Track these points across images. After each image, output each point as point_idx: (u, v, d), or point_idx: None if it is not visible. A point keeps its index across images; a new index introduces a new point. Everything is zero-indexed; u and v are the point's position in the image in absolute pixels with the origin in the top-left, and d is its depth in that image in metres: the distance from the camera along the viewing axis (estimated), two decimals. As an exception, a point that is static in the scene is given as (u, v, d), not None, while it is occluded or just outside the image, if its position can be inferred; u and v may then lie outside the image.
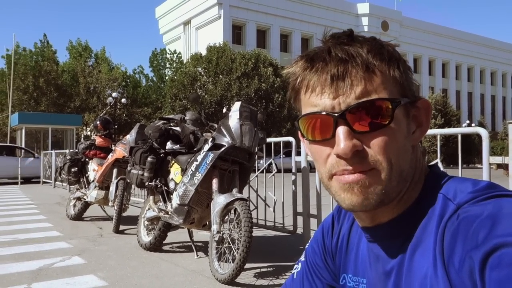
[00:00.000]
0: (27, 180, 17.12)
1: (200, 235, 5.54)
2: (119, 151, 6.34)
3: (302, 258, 1.01)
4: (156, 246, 4.82)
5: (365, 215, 0.78)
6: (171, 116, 4.97)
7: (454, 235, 0.63)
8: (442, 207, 0.69)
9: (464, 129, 3.70)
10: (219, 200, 3.85)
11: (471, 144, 36.89)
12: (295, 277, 1.00)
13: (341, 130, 0.69)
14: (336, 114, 0.69)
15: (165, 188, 4.62)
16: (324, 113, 0.70)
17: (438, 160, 3.60)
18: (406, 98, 0.72)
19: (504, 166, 3.12)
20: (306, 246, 1.02)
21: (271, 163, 5.53)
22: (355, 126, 0.69)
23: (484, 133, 3.18)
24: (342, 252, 0.91)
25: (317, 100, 0.72)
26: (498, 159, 3.18)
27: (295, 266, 1.02)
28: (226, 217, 3.94)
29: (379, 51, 0.71)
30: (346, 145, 0.68)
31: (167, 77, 38.81)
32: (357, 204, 0.71)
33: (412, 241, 0.72)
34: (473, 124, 48.51)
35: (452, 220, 0.65)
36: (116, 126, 28.27)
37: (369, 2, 55.84)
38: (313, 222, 4.74)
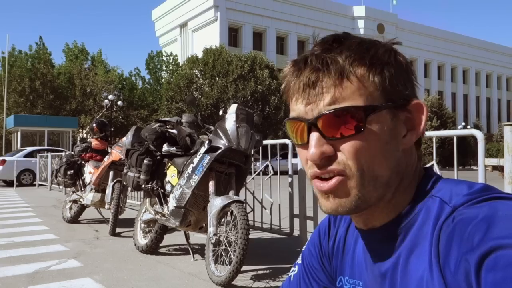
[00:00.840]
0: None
1: (197, 237, 5.53)
2: (115, 153, 6.32)
3: (299, 260, 1.02)
4: (153, 248, 4.81)
5: (357, 218, 0.79)
6: (167, 119, 4.97)
7: (449, 238, 0.63)
8: (437, 210, 0.69)
9: (460, 131, 3.71)
10: (216, 203, 3.85)
11: (467, 146, 37.06)
12: (292, 279, 1.01)
13: (312, 137, 0.71)
14: (308, 121, 0.72)
15: (162, 190, 4.62)
16: (299, 118, 0.73)
17: (434, 162, 3.61)
18: (390, 102, 0.72)
19: (500, 168, 3.13)
20: (303, 249, 1.03)
21: (267, 165, 5.53)
22: (326, 132, 0.70)
23: (479, 135, 3.20)
24: (339, 254, 0.92)
25: (294, 105, 0.75)
26: (493, 161, 3.19)
27: (292, 268, 1.03)
28: (223, 220, 3.94)
29: (360, 56, 0.71)
30: (315, 151, 0.70)
31: (163, 80, 38.81)
32: (332, 210, 0.73)
33: (407, 244, 0.72)
34: (468, 126, 48.77)
35: (448, 222, 0.65)
36: (112, 129, 28.19)
37: (365, 4, 56.08)
38: (310, 224, 4.74)
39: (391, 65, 0.73)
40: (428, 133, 3.62)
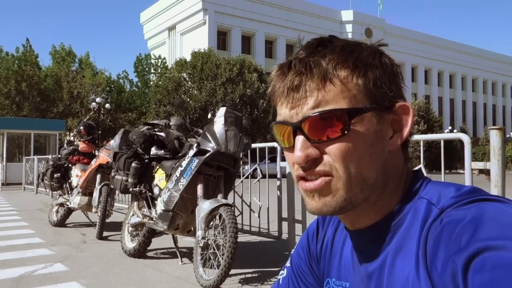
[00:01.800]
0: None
1: (185, 241, 5.51)
2: (103, 156, 6.28)
3: (288, 263, 1.02)
4: (140, 252, 4.78)
5: (344, 219, 0.80)
6: (155, 122, 4.95)
7: (437, 239, 0.63)
8: (425, 212, 0.69)
9: (447, 135, 3.75)
10: (204, 206, 3.84)
11: (453, 150, 37.40)
12: (280, 282, 1.01)
13: (297, 140, 0.72)
14: (293, 124, 0.72)
15: (150, 194, 4.59)
16: (284, 122, 0.74)
17: (421, 165, 3.63)
18: (375, 104, 0.72)
19: (486, 172, 3.16)
20: (292, 252, 1.03)
21: (256, 169, 5.53)
22: (311, 135, 0.71)
23: (466, 139, 3.23)
24: (326, 256, 0.92)
25: (280, 109, 0.76)
26: (480, 165, 3.22)
27: (281, 272, 1.03)
28: (211, 223, 3.92)
29: (343, 59, 0.72)
30: (300, 155, 0.71)
31: (151, 83, 38.66)
32: (317, 210, 0.74)
33: (394, 245, 0.72)
34: (455, 130, 49.23)
35: (436, 224, 0.65)
36: (99, 132, 28.01)
37: (353, 9, 56.43)
38: (298, 228, 4.75)
39: (375, 67, 0.73)
40: (416, 137, 3.65)
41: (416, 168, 0.83)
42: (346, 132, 0.70)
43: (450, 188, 0.71)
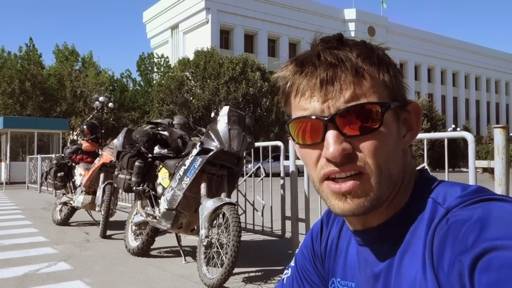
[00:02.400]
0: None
1: (188, 239, 5.51)
2: (106, 155, 6.29)
3: (292, 263, 1.02)
4: (144, 251, 4.79)
5: (356, 220, 0.78)
6: (159, 121, 4.95)
7: (443, 239, 0.63)
8: (431, 211, 0.69)
9: (450, 134, 3.73)
10: (208, 205, 3.84)
11: (457, 148, 37.30)
12: (285, 282, 1.00)
13: (330, 134, 0.69)
14: (325, 118, 0.70)
15: (153, 192, 4.60)
16: (313, 117, 0.71)
17: (425, 164, 3.63)
18: (396, 102, 0.73)
19: (490, 170, 3.15)
20: (296, 252, 1.03)
21: (259, 167, 5.53)
22: (344, 130, 0.69)
23: (470, 137, 3.22)
24: (331, 256, 0.92)
25: (306, 104, 0.72)
26: (484, 163, 3.21)
27: (285, 271, 1.02)
28: (215, 222, 3.93)
29: (368, 55, 0.72)
30: (335, 148, 0.68)
31: (154, 82, 38.68)
32: (349, 212, 0.72)
33: (401, 245, 0.72)
34: (458, 129, 49.05)
35: (442, 224, 0.65)
36: (103, 131, 28.07)
37: (356, 7, 56.30)
38: (302, 226, 4.74)
39: (392, 66, 0.74)
40: (419, 135, 3.64)
41: (419, 167, 0.83)
42: (379, 127, 0.69)
43: (456, 187, 0.71)
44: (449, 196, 0.69)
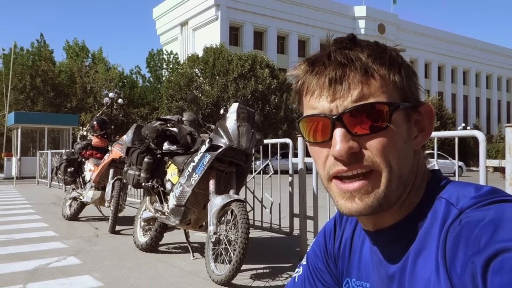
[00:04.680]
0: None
1: (196, 236, 5.53)
2: (116, 151, 6.32)
3: (304, 261, 1.01)
4: (152, 246, 4.81)
5: (367, 220, 0.78)
6: (168, 117, 4.96)
7: (456, 240, 0.63)
8: (444, 212, 0.69)
9: (461, 132, 3.70)
10: (216, 201, 3.85)
11: (467, 147, 37.05)
12: (296, 280, 1.00)
13: (338, 133, 0.70)
14: (333, 117, 0.70)
15: (162, 188, 4.62)
16: (322, 115, 0.72)
17: (435, 162, 3.60)
18: (406, 102, 0.73)
19: (501, 169, 3.13)
20: (308, 250, 1.03)
21: (268, 165, 5.52)
22: (352, 128, 0.70)
23: (481, 136, 3.19)
24: (345, 256, 0.91)
25: (316, 102, 0.73)
26: (495, 162, 3.19)
27: (297, 269, 1.02)
28: (223, 218, 3.94)
29: (379, 56, 0.72)
30: (342, 147, 0.69)
31: (163, 78, 38.78)
32: (356, 212, 0.72)
33: (415, 246, 0.72)
34: (468, 127, 48.74)
35: (455, 225, 0.65)
36: (112, 127, 28.16)
37: (366, 5, 56.00)
38: (310, 224, 4.74)
39: (405, 67, 0.74)
40: (429, 134, 3.61)
41: (429, 166, 0.82)
42: (387, 126, 0.70)
43: (469, 188, 0.70)
44: (462, 197, 0.69)
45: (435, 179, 0.77)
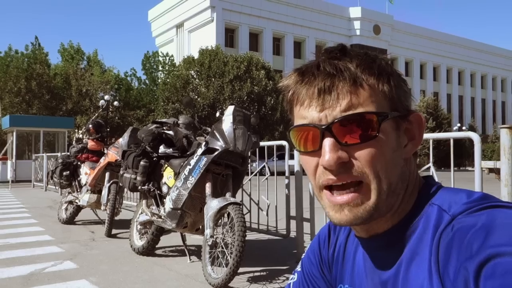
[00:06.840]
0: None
1: (193, 239, 5.53)
2: (112, 154, 6.31)
3: (298, 268, 1.02)
4: (149, 250, 4.80)
5: (360, 227, 0.79)
6: (164, 120, 4.96)
7: (448, 246, 0.63)
8: (437, 218, 0.69)
9: (456, 134, 3.71)
10: (213, 204, 3.85)
11: (462, 147, 37.14)
12: (291, 287, 1.01)
13: (327, 142, 0.71)
14: (322, 126, 0.71)
15: (158, 192, 4.61)
16: (311, 125, 0.72)
17: (430, 164, 3.62)
18: (395, 112, 0.73)
19: (496, 171, 3.14)
20: (302, 257, 1.03)
21: (264, 167, 5.53)
22: (341, 138, 0.70)
23: (476, 137, 3.21)
24: (339, 262, 0.92)
25: (305, 112, 0.74)
26: (490, 164, 3.21)
27: (291, 276, 1.03)
28: (220, 221, 3.94)
29: (368, 66, 0.73)
30: (331, 156, 0.69)
31: (159, 80, 38.75)
32: (346, 222, 0.73)
33: (407, 252, 0.72)
34: (463, 127, 48.92)
35: (447, 231, 0.66)
36: (108, 129, 28.16)
37: (361, 6, 56.15)
38: (306, 226, 4.75)
39: (394, 76, 0.75)
40: (425, 135, 3.61)
41: (425, 167, 0.83)
42: (376, 136, 0.70)
43: (461, 194, 0.71)
44: (454, 203, 0.69)
45: (427, 185, 0.78)
